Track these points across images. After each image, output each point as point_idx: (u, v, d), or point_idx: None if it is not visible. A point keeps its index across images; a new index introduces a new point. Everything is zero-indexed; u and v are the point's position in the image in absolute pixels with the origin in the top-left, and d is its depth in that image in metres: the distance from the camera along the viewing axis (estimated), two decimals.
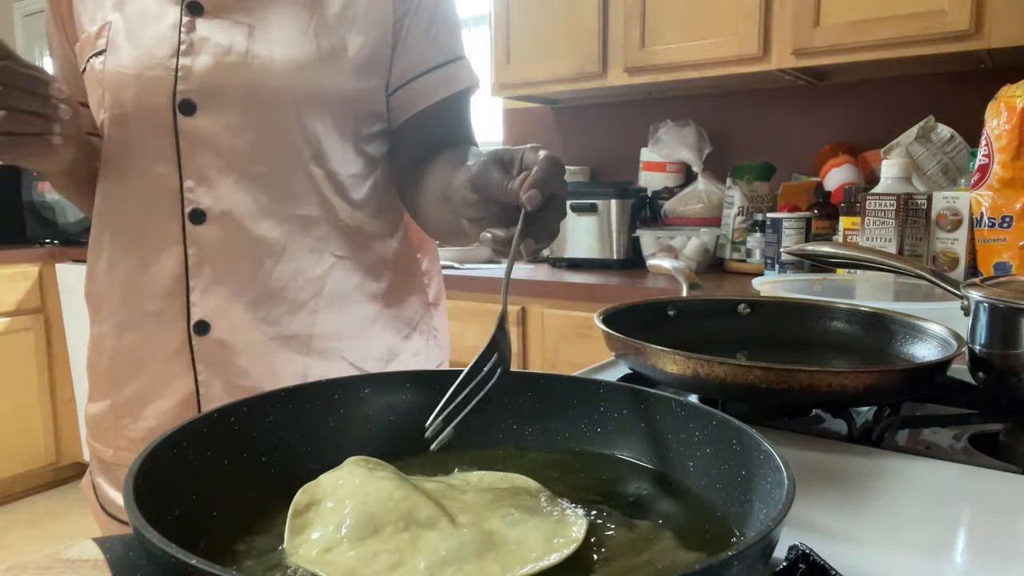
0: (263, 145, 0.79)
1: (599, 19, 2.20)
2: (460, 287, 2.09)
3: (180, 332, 0.81)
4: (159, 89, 0.78)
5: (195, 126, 0.78)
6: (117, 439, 0.86)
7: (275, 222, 0.81)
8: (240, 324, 0.81)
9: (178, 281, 0.80)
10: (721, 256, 2.18)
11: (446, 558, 0.37)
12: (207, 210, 0.79)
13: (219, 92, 0.78)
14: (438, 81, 0.87)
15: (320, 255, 0.83)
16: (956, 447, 0.62)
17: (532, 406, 0.54)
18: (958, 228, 1.63)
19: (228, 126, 0.78)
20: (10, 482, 2.81)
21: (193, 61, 0.78)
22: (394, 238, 0.91)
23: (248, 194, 0.79)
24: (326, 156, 0.82)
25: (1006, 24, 1.67)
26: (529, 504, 0.43)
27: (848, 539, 0.45)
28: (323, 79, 0.80)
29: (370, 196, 0.87)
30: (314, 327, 0.83)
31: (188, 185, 0.79)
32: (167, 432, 0.41)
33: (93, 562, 0.31)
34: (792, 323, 0.81)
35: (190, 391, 0.81)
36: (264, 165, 0.80)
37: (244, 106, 0.78)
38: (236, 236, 0.80)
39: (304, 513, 0.41)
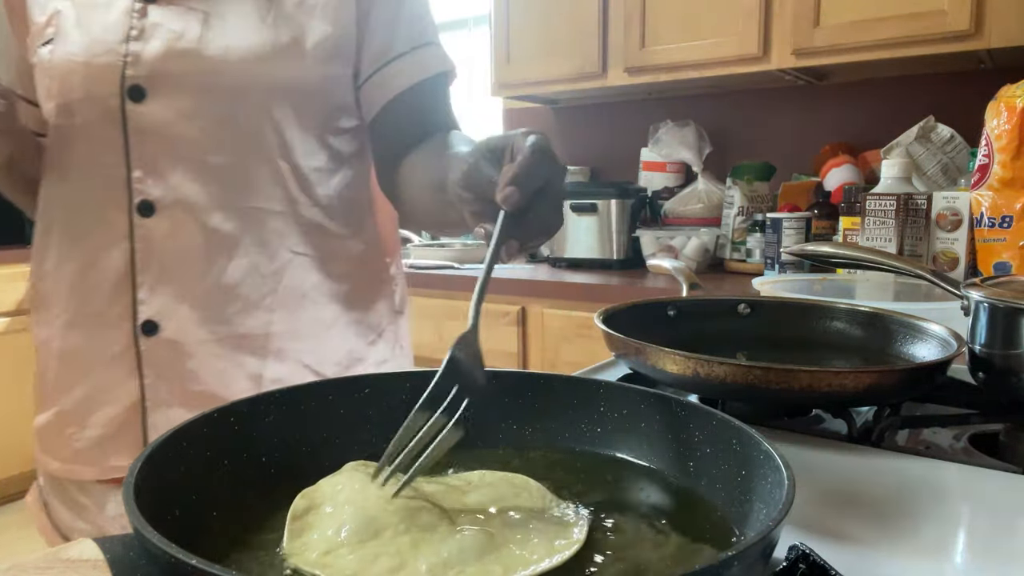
0: (218, 134, 0.76)
1: (599, 19, 2.20)
2: (460, 287, 2.09)
3: (126, 333, 0.77)
4: (107, 75, 0.75)
5: (144, 113, 0.75)
6: (62, 449, 0.82)
7: (229, 214, 0.77)
8: (190, 324, 0.77)
9: (123, 278, 0.76)
10: (721, 256, 2.18)
11: (448, 560, 0.37)
12: (156, 201, 0.75)
13: (170, 78, 0.75)
14: (407, 67, 0.84)
15: (276, 250, 0.80)
16: (956, 447, 0.62)
17: (532, 406, 0.53)
18: (958, 228, 1.63)
19: (180, 113, 0.75)
20: (7, 483, 2.81)
21: (144, 47, 0.75)
22: (358, 239, 0.87)
23: (200, 184, 0.76)
24: (288, 147, 0.79)
25: (1006, 24, 1.67)
26: (530, 505, 0.43)
27: (848, 539, 0.45)
28: (283, 69, 0.77)
29: (335, 194, 0.84)
30: (270, 326, 0.80)
31: (136, 175, 0.75)
32: (167, 432, 0.41)
33: (93, 562, 0.31)
34: (792, 323, 0.81)
35: (136, 397, 0.77)
36: (219, 155, 0.76)
37: (197, 94, 0.75)
38: (187, 229, 0.76)
39: (303, 517, 0.41)
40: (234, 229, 0.77)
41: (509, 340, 2.05)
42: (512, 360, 2.05)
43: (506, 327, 2.05)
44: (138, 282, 0.76)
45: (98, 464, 0.80)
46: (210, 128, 0.75)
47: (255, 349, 0.79)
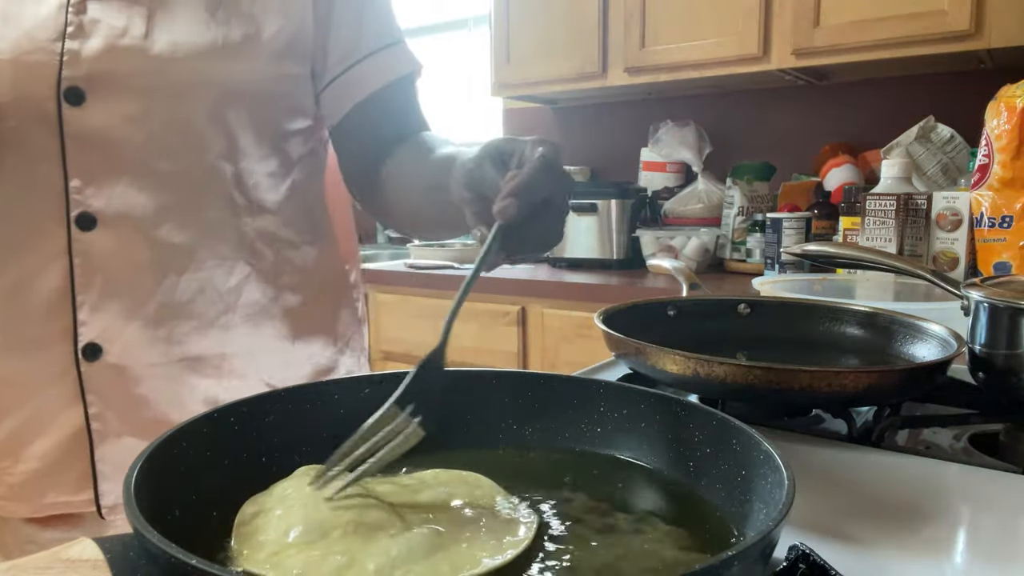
0: (165, 139, 0.70)
1: (599, 19, 2.20)
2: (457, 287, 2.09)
3: (65, 357, 0.70)
4: (41, 75, 0.68)
5: (83, 117, 0.68)
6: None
7: (179, 226, 0.72)
8: (138, 346, 0.71)
9: (62, 297, 0.70)
10: (721, 256, 2.18)
11: (396, 559, 0.37)
12: (97, 213, 0.69)
13: (112, 80, 0.68)
14: (378, 67, 0.80)
15: (233, 264, 0.75)
16: (956, 447, 0.62)
17: (532, 406, 0.53)
18: (958, 228, 1.63)
19: (123, 117, 0.69)
20: None
21: (82, 45, 0.68)
22: (315, 246, 0.83)
23: (147, 194, 0.70)
24: (239, 153, 0.74)
25: (1006, 24, 1.67)
26: (482, 503, 0.43)
27: (848, 539, 0.45)
28: (235, 67, 0.72)
29: (287, 199, 0.79)
30: (226, 346, 0.75)
31: (74, 185, 0.69)
32: (167, 432, 0.41)
33: (93, 562, 0.31)
34: (792, 323, 0.81)
35: (79, 425, 0.71)
36: (166, 161, 0.70)
37: (142, 96, 0.69)
38: (133, 243, 0.70)
39: (251, 521, 0.40)
40: (185, 241, 0.72)
41: (509, 340, 2.05)
42: (512, 360, 2.05)
43: (506, 327, 2.05)
44: (78, 301, 0.70)
45: (32, 501, 0.73)
46: (157, 132, 0.70)
47: (210, 371, 0.74)
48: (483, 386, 0.54)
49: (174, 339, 0.72)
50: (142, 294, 0.71)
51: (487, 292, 2.06)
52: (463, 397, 0.52)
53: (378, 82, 0.80)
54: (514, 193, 0.48)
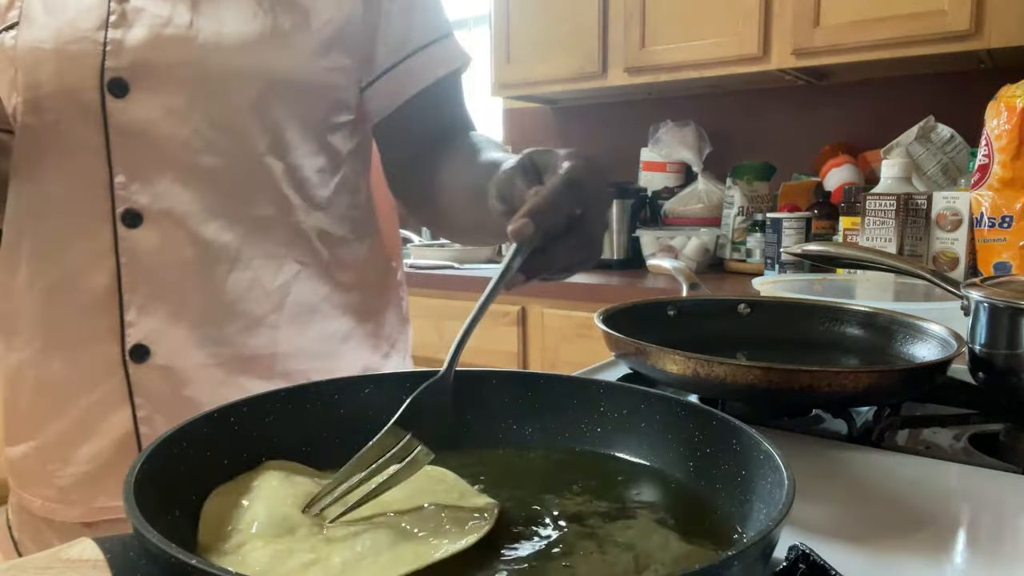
0: (211, 133, 0.68)
1: (599, 19, 2.20)
2: (460, 287, 2.09)
3: (113, 359, 0.69)
4: (84, 66, 0.66)
5: (127, 110, 0.66)
6: (43, 487, 0.74)
7: (226, 223, 0.69)
8: (186, 346, 0.69)
9: (109, 297, 0.68)
10: (721, 256, 2.18)
11: (361, 553, 0.37)
12: (143, 210, 0.67)
13: (156, 70, 0.66)
14: (428, 62, 0.77)
15: (281, 262, 0.73)
16: (956, 447, 0.62)
17: (532, 406, 0.53)
18: (958, 228, 1.63)
19: (168, 110, 0.67)
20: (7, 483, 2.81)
21: (125, 34, 0.66)
22: (364, 243, 0.81)
23: (193, 190, 0.68)
24: (287, 147, 0.72)
25: (1006, 24, 1.67)
26: (445, 497, 0.44)
27: (848, 539, 0.45)
28: (282, 58, 0.69)
29: (336, 195, 0.77)
30: (275, 346, 0.72)
31: (120, 180, 0.67)
32: (167, 432, 0.41)
33: (93, 562, 0.31)
34: (792, 323, 0.81)
35: (127, 429, 0.70)
36: (212, 156, 0.68)
37: (187, 87, 0.67)
38: (179, 241, 0.68)
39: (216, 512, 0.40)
40: (232, 240, 0.70)
41: (509, 340, 2.05)
42: (512, 360, 2.05)
43: (506, 327, 2.05)
44: (125, 301, 0.68)
45: (83, 504, 0.73)
46: (202, 126, 0.68)
47: (260, 371, 0.72)
48: (483, 386, 0.54)
49: (222, 339, 0.71)
50: (189, 293, 0.69)
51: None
52: (463, 397, 0.52)
53: (429, 77, 0.78)
54: (530, 213, 0.45)
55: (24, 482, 0.76)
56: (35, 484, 0.75)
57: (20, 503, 0.78)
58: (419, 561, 0.36)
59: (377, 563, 0.36)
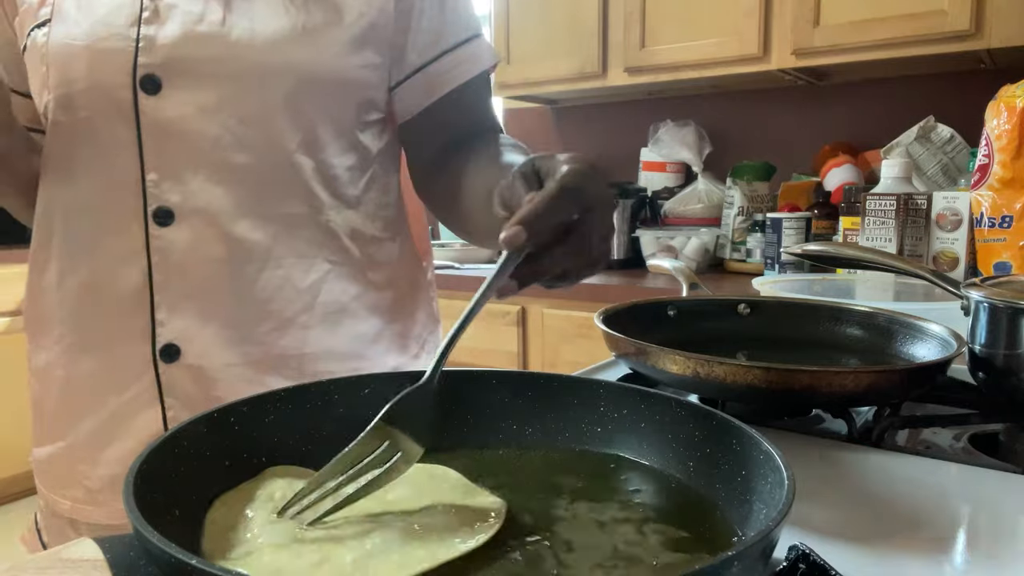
0: (243, 131, 0.68)
1: (599, 19, 2.20)
2: (460, 287, 2.09)
3: (144, 358, 0.69)
4: (116, 63, 0.66)
5: (160, 107, 0.66)
6: (71, 488, 0.73)
7: (258, 221, 0.69)
8: (216, 346, 0.69)
9: (140, 296, 0.68)
10: (721, 256, 2.18)
11: (371, 551, 0.37)
12: (175, 208, 0.67)
13: (189, 67, 0.66)
14: (461, 61, 0.77)
15: (312, 261, 0.72)
16: (956, 447, 0.62)
17: (532, 406, 0.53)
18: (958, 228, 1.63)
19: (201, 107, 0.66)
20: (10, 482, 2.81)
21: (158, 30, 0.66)
22: (396, 241, 0.81)
23: (225, 188, 0.68)
24: (318, 145, 0.71)
25: (1006, 24, 1.67)
26: (450, 496, 0.44)
27: (848, 539, 0.45)
28: (313, 54, 0.69)
29: (366, 193, 0.76)
30: (305, 346, 0.72)
31: (152, 178, 0.67)
32: (167, 432, 0.41)
33: (93, 562, 0.31)
34: (792, 323, 0.81)
35: (157, 429, 0.69)
36: (244, 154, 0.68)
37: (220, 84, 0.67)
38: (211, 239, 0.68)
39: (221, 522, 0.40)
40: (264, 239, 0.70)
41: (509, 340, 2.05)
42: (512, 360, 2.05)
43: (506, 327, 2.05)
44: (156, 300, 0.68)
45: (110, 505, 0.72)
46: (234, 124, 0.68)
47: (289, 372, 0.71)
48: (483, 386, 0.54)
49: (253, 339, 0.70)
50: (220, 292, 0.69)
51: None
52: (463, 397, 0.52)
53: (459, 78, 0.77)
54: (523, 221, 0.44)
55: (52, 484, 0.76)
56: (64, 486, 0.74)
57: (48, 505, 0.77)
58: (430, 560, 0.36)
59: (388, 561, 0.36)
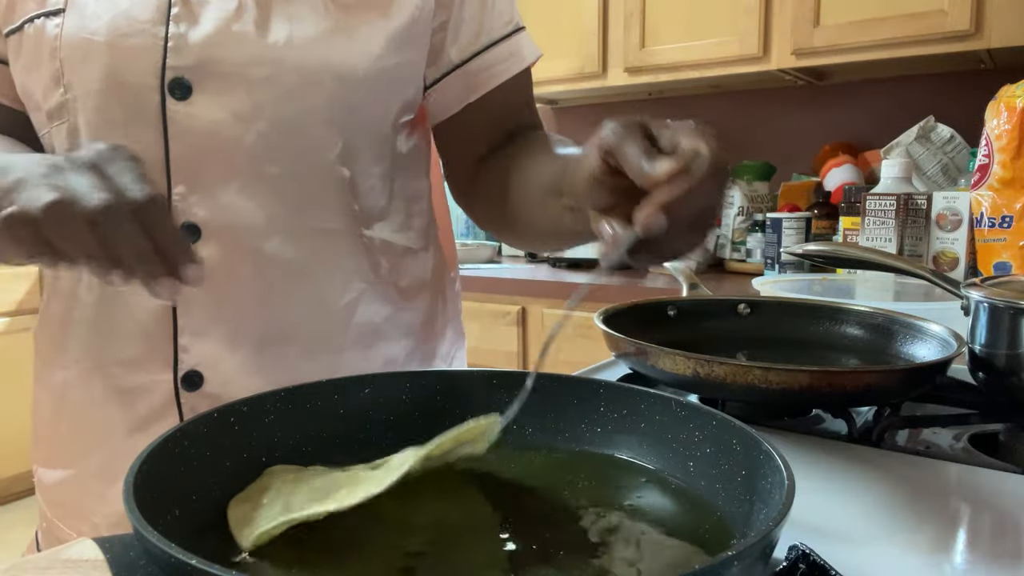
0: (278, 139, 0.63)
1: (599, 19, 2.20)
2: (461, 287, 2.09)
3: (164, 386, 0.64)
4: (142, 63, 0.60)
5: (190, 113, 0.60)
6: (78, 521, 0.69)
7: (290, 237, 0.64)
8: (241, 373, 0.64)
9: (163, 320, 0.63)
10: (721, 256, 2.18)
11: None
12: (202, 224, 0.62)
13: (222, 70, 0.60)
14: (505, 56, 0.73)
15: (348, 278, 0.68)
16: (956, 447, 0.62)
17: (532, 406, 0.53)
18: (958, 228, 1.63)
19: (235, 114, 0.61)
20: (12, 481, 2.81)
21: (188, 29, 0.60)
22: (428, 251, 0.76)
23: (256, 202, 0.63)
24: (355, 152, 0.66)
25: (1006, 24, 1.67)
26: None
27: (848, 539, 0.45)
28: (353, 55, 0.64)
29: (395, 201, 0.72)
30: (336, 371, 0.66)
31: (179, 191, 0.61)
32: (167, 432, 0.41)
33: (93, 562, 0.31)
34: (792, 323, 0.81)
35: None
36: (278, 164, 0.63)
37: (256, 89, 0.61)
38: (239, 257, 0.63)
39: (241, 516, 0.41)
40: (296, 256, 0.65)
41: (509, 340, 2.05)
42: (512, 360, 2.05)
43: (506, 327, 2.05)
44: (179, 325, 0.63)
45: None
46: (270, 132, 0.62)
47: None
48: (483, 386, 0.54)
49: (281, 365, 0.65)
50: (247, 315, 0.64)
51: (487, 292, 2.06)
52: (463, 397, 0.52)
53: (504, 74, 0.73)
54: (667, 207, 0.39)
55: (60, 513, 0.71)
56: (71, 517, 0.70)
57: (52, 531, 0.72)
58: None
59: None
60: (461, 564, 0.37)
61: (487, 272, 2.16)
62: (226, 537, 0.40)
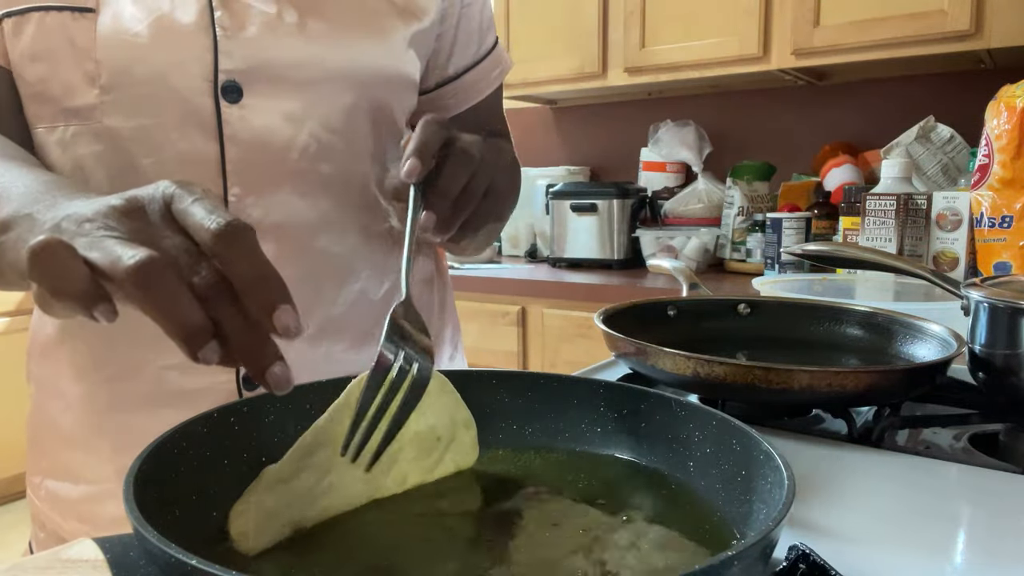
0: (328, 138, 0.65)
1: (599, 19, 2.20)
2: (458, 287, 2.09)
3: (227, 387, 0.64)
4: (194, 68, 0.60)
5: (244, 116, 0.61)
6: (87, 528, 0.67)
7: (338, 234, 0.67)
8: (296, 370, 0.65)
9: None
10: (721, 256, 2.18)
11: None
12: (256, 224, 0.61)
13: (272, 73, 0.62)
14: (489, 70, 0.79)
15: (384, 271, 0.71)
16: (956, 447, 0.62)
17: (532, 406, 0.53)
18: (958, 228, 1.63)
19: (286, 116, 0.62)
20: (12, 481, 2.81)
21: (236, 32, 0.61)
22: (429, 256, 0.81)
23: (308, 201, 0.65)
24: (384, 147, 0.69)
25: (1006, 24, 1.67)
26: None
27: (848, 539, 0.45)
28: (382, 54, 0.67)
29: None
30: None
31: (235, 193, 0.62)
32: (167, 432, 0.41)
33: (93, 562, 0.31)
34: (792, 323, 0.80)
35: None
36: (328, 163, 0.65)
37: (303, 90, 0.63)
38: (293, 255, 0.64)
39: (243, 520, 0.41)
40: (343, 251, 0.67)
41: (509, 340, 2.05)
42: (512, 360, 2.05)
43: (506, 327, 2.05)
44: None
45: None
46: (318, 131, 0.64)
47: None
48: (483, 386, 0.54)
49: (332, 358, 0.67)
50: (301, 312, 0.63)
51: (487, 292, 2.06)
52: (463, 397, 0.52)
53: (490, 86, 0.79)
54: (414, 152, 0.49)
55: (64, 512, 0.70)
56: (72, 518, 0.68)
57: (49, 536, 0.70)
58: None
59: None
60: (461, 564, 0.37)
61: (487, 272, 2.16)
62: (226, 537, 0.40)
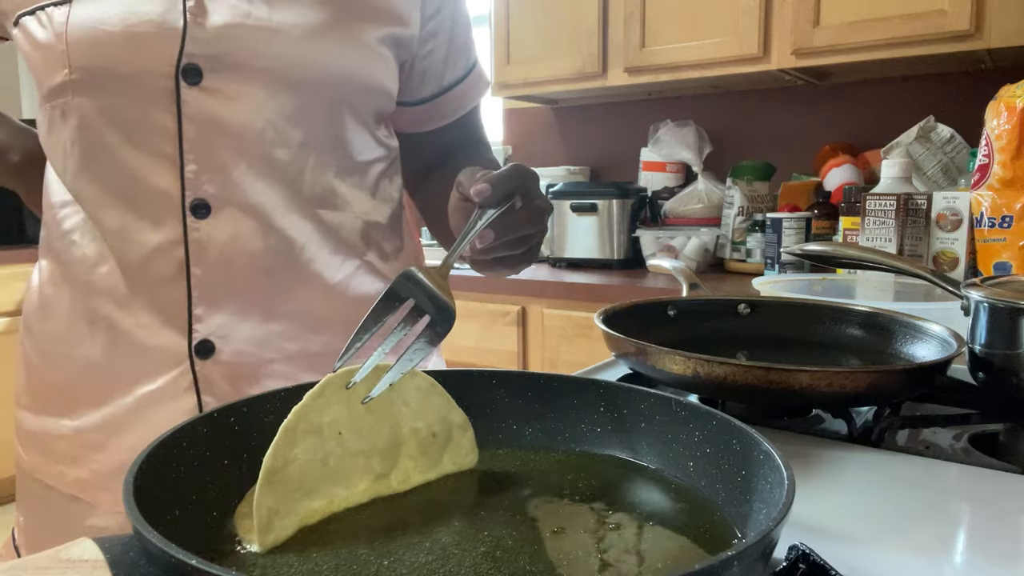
0: (285, 126, 0.68)
1: (599, 19, 2.20)
2: (458, 287, 2.09)
3: (179, 352, 0.68)
4: (160, 53, 0.64)
5: (202, 98, 0.65)
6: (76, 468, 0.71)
7: (293, 217, 0.69)
8: (252, 344, 0.69)
9: (176, 289, 0.67)
10: (721, 256, 2.18)
11: None
12: (211, 200, 0.66)
13: (235, 60, 0.65)
14: (469, 89, 0.84)
15: (344, 256, 0.74)
16: (956, 447, 0.62)
17: (532, 406, 0.53)
18: (958, 228, 1.63)
19: (245, 101, 0.66)
20: (10, 482, 2.81)
21: (204, 21, 0.64)
22: (406, 235, 0.84)
23: (265, 183, 0.68)
24: (349, 141, 0.73)
25: (1006, 24, 1.67)
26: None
27: (848, 539, 0.45)
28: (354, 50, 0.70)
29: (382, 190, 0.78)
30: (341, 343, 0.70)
31: (191, 169, 0.65)
32: (167, 432, 0.41)
33: (93, 562, 0.31)
34: (792, 323, 0.81)
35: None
36: (284, 149, 0.68)
37: (266, 80, 0.66)
38: (249, 233, 0.67)
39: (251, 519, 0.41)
40: (299, 234, 0.70)
41: (509, 340, 2.05)
42: (512, 360, 2.05)
43: (506, 327, 2.05)
44: (193, 296, 0.67)
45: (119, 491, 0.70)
46: (276, 119, 0.67)
47: (325, 369, 0.68)
48: (483, 386, 0.54)
49: (289, 335, 0.70)
50: (258, 288, 0.69)
51: (487, 292, 2.06)
52: (463, 397, 0.52)
53: (469, 104, 0.84)
54: (489, 179, 0.54)
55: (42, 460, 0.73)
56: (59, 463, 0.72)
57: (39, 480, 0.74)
58: None
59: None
60: (461, 563, 0.37)
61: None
62: (226, 537, 0.40)
